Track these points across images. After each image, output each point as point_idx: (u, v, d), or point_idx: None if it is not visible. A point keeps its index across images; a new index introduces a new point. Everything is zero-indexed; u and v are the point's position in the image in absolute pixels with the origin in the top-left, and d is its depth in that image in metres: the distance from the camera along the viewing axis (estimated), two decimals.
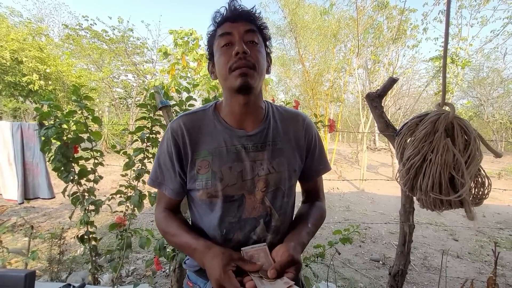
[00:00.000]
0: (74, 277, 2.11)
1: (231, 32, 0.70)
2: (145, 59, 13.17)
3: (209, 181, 0.72)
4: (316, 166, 0.87)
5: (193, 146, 0.74)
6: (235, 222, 0.73)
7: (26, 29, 9.38)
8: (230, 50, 0.69)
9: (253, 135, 0.76)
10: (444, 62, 1.02)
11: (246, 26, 0.71)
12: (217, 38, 0.72)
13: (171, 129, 0.76)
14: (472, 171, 0.87)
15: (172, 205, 0.81)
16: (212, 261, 0.62)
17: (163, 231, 0.77)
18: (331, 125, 1.79)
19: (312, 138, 0.85)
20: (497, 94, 16.40)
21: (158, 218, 0.79)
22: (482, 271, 2.93)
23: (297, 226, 0.78)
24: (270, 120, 0.80)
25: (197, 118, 0.78)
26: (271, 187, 0.75)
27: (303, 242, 0.72)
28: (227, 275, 0.59)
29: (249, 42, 0.70)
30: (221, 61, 0.70)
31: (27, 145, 1.99)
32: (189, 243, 0.70)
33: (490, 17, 8.69)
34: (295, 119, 0.83)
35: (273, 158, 0.76)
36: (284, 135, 0.79)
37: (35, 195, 2.03)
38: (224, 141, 0.74)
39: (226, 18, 0.72)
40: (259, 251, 0.68)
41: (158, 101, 1.71)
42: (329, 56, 10.11)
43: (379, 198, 6.29)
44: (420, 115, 1.02)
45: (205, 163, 0.73)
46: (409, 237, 1.58)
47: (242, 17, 0.71)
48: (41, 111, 1.76)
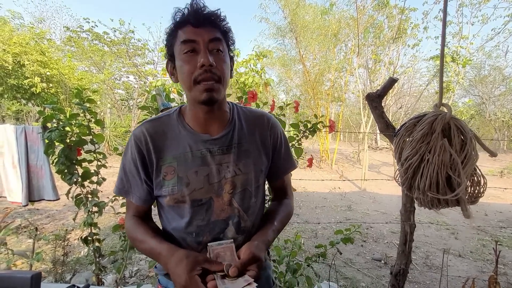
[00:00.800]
0: (78, 278, 2.13)
1: (195, 40, 0.67)
2: (146, 60, 13.22)
3: (175, 186, 0.72)
4: (283, 164, 0.88)
5: (158, 153, 0.73)
6: (204, 225, 0.74)
7: (28, 33, 9.45)
8: (193, 58, 0.67)
9: (218, 139, 0.76)
10: (441, 64, 1.03)
11: (210, 34, 0.68)
12: (179, 43, 0.69)
13: (134, 136, 0.75)
14: (468, 170, 0.89)
15: (140, 212, 0.80)
16: (177, 267, 0.62)
17: (132, 238, 0.76)
18: (331, 126, 1.80)
19: (278, 137, 0.85)
20: (499, 92, 16.33)
21: (127, 226, 0.78)
22: (484, 269, 2.93)
23: (264, 225, 0.80)
24: (235, 122, 0.80)
25: (160, 123, 0.77)
26: (238, 189, 0.76)
27: (268, 240, 0.74)
28: (193, 280, 0.59)
29: (214, 50, 0.68)
30: (184, 70, 0.68)
31: (31, 148, 2.02)
32: (153, 248, 0.70)
33: (491, 15, 8.70)
34: (260, 119, 0.84)
35: (239, 160, 0.76)
36: (249, 136, 0.80)
37: (40, 197, 2.06)
38: (189, 146, 0.74)
39: (188, 21, 0.68)
40: (225, 249, 0.69)
41: (160, 103, 1.73)
42: (330, 56, 10.12)
43: (381, 197, 6.28)
44: (418, 116, 1.04)
45: (170, 169, 0.73)
46: (410, 236, 1.59)
47: (206, 21, 0.68)
48: (45, 114, 1.79)
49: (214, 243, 0.70)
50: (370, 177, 8.25)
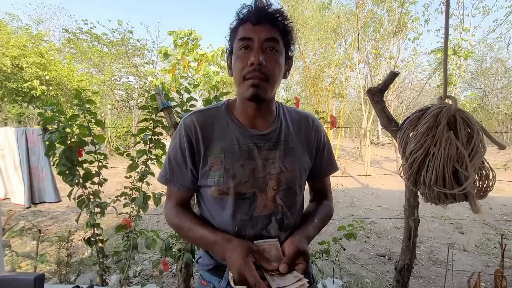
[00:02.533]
0: (82, 279, 2.13)
1: (250, 38, 0.68)
2: (146, 60, 13.22)
3: (222, 178, 0.73)
4: (325, 166, 0.88)
5: (206, 143, 0.75)
6: (247, 219, 0.74)
7: (25, 35, 9.45)
8: (247, 56, 0.69)
9: (265, 134, 0.77)
10: (445, 56, 1.01)
11: (267, 33, 0.69)
12: (237, 40, 0.71)
13: (184, 125, 0.77)
14: (475, 163, 0.87)
15: (183, 201, 0.81)
16: (233, 252, 0.64)
17: (177, 226, 0.78)
18: (332, 122, 1.78)
19: (321, 139, 0.87)
20: (501, 84, 16.21)
21: (170, 214, 0.79)
22: (489, 263, 2.91)
23: (304, 222, 0.81)
24: (282, 120, 0.81)
25: (210, 115, 0.79)
26: (282, 186, 0.76)
27: (309, 235, 0.75)
28: (248, 265, 0.61)
29: (268, 49, 0.69)
30: (236, 67, 0.71)
31: (32, 150, 2.01)
32: (206, 236, 0.72)
33: (492, 7, 8.58)
34: (306, 120, 0.85)
35: (285, 157, 0.77)
36: (295, 135, 0.81)
37: (41, 199, 2.06)
38: (237, 139, 0.75)
39: (249, 18, 0.69)
40: (270, 246, 0.69)
41: (159, 102, 1.71)
42: (330, 52, 10.06)
43: (384, 193, 6.26)
44: (422, 109, 1.02)
45: (217, 160, 0.74)
46: (415, 231, 1.58)
47: (266, 20, 0.69)
48: (45, 116, 1.78)
49: (259, 241, 0.70)
50: (372, 172, 8.22)
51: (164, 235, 2.37)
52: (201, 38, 7.13)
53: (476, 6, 8.50)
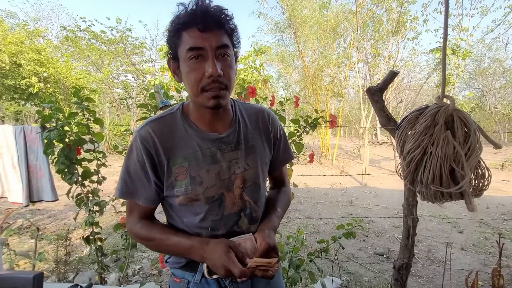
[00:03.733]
0: (81, 278, 2.13)
1: (202, 47, 0.65)
2: (144, 58, 13.17)
3: (189, 186, 0.72)
4: (282, 156, 0.92)
5: (167, 153, 0.72)
6: (218, 219, 0.76)
7: (23, 32, 9.39)
8: (200, 66, 0.66)
9: (226, 137, 0.77)
10: (444, 55, 1.01)
11: (218, 39, 0.66)
12: (185, 49, 0.66)
13: (139, 137, 0.72)
14: (472, 163, 0.87)
15: (147, 214, 0.79)
16: (214, 252, 0.67)
17: (146, 239, 0.75)
18: (332, 121, 1.79)
19: (278, 131, 0.90)
20: (499, 84, 16.25)
21: (135, 229, 0.76)
22: (487, 262, 2.93)
23: (268, 212, 0.85)
24: (239, 119, 0.82)
25: (166, 123, 0.75)
26: (248, 183, 0.79)
27: (275, 226, 0.81)
28: (231, 260, 0.65)
29: (220, 55, 0.67)
30: (191, 78, 0.67)
31: (30, 148, 2.01)
32: (182, 243, 0.72)
33: (490, 7, 8.62)
34: (262, 115, 0.87)
35: (247, 155, 0.79)
36: (253, 131, 0.83)
37: (39, 198, 2.05)
38: (198, 145, 0.74)
39: (194, 23, 0.64)
40: (246, 240, 0.73)
41: (159, 100, 1.71)
42: (329, 51, 10.07)
43: (382, 192, 6.28)
44: (420, 108, 1.02)
45: (182, 169, 0.73)
46: (413, 230, 1.59)
47: (214, 24, 0.65)
48: (43, 114, 1.78)
49: (235, 238, 0.73)
50: (371, 172, 8.24)
51: None
52: None
53: (474, 6, 8.53)
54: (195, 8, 0.64)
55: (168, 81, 7.16)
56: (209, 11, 0.65)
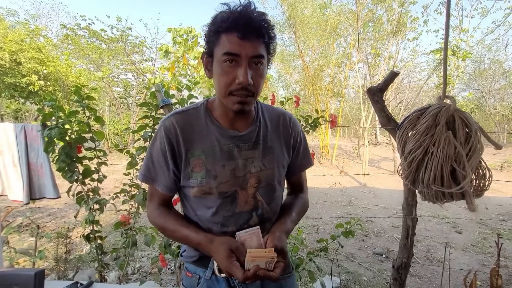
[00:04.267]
0: (81, 276, 2.13)
1: (238, 54, 0.66)
2: (144, 57, 13.15)
3: (204, 179, 0.75)
4: (301, 161, 0.92)
5: (187, 145, 0.76)
6: (229, 215, 0.77)
7: (23, 30, 9.36)
8: (233, 70, 0.68)
9: (245, 135, 0.79)
10: (445, 55, 1.02)
11: (255, 49, 0.67)
12: (222, 51, 0.67)
13: (164, 127, 0.77)
14: (473, 163, 0.88)
15: (165, 201, 0.83)
16: (217, 254, 0.68)
17: (161, 227, 0.79)
18: (332, 121, 1.79)
19: (298, 135, 0.90)
20: (498, 85, 16.28)
21: (153, 215, 0.81)
22: (485, 262, 2.94)
23: (282, 216, 0.84)
24: (260, 119, 0.83)
25: (189, 116, 0.79)
26: (262, 183, 0.80)
27: (288, 229, 0.79)
28: (232, 264, 0.65)
29: (254, 64, 0.69)
30: (221, 80, 0.69)
31: (31, 146, 2.01)
32: (190, 237, 0.75)
33: (491, 8, 8.62)
34: (283, 118, 0.87)
35: (264, 156, 0.80)
36: (273, 134, 0.84)
37: (41, 195, 2.05)
38: (217, 140, 0.77)
39: (235, 29, 0.65)
40: (251, 235, 0.73)
41: (160, 99, 1.71)
42: (329, 51, 10.06)
43: (381, 192, 6.29)
44: (421, 109, 1.03)
45: (199, 161, 0.75)
46: (412, 230, 1.59)
47: (253, 34, 0.66)
48: (44, 112, 1.77)
49: (241, 232, 0.74)
50: (370, 172, 8.25)
51: None
52: (201, 36, 7.11)
53: (475, 7, 8.55)
54: (239, 14, 0.65)
55: (169, 80, 7.17)
56: (251, 19, 0.66)
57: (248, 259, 0.64)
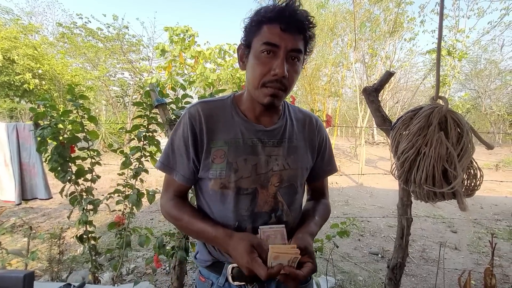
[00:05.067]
0: (75, 277, 2.12)
1: (278, 45, 0.66)
2: (141, 56, 13.08)
3: (224, 171, 0.72)
4: (325, 167, 0.89)
5: (210, 134, 0.74)
6: (247, 215, 0.73)
7: (17, 27, 9.26)
8: (270, 61, 0.67)
9: (270, 131, 0.77)
10: (438, 57, 1.02)
11: (294, 42, 0.67)
12: (261, 41, 0.67)
13: (189, 113, 0.75)
14: (464, 163, 0.88)
15: (181, 192, 0.80)
16: (237, 250, 0.64)
17: (175, 218, 0.76)
18: (328, 121, 1.79)
19: (324, 139, 0.88)
20: (494, 86, 16.41)
21: (167, 205, 0.78)
22: (480, 262, 2.97)
23: (305, 220, 0.81)
24: (287, 118, 0.82)
25: (215, 106, 0.77)
26: (284, 183, 0.76)
27: (312, 231, 0.75)
28: (255, 261, 0.61)
29: (291, 58, 0.68)
30: (256, 70, 0.69)
31: (23, 146, 1.98)
32: (207, 231, 0.71)
33: (487, 8, 8.67)
34: (310, 120, 0.86)
35: (288, 154, 0.77)
36: (299, 134, 0.82)
37: (33, 196, 2.03)
38: (241, 133, 0.75)
39: (277, 20, 0.66)
40: (276, 232, 0.69)
41: (154, 99, 1.70)
42: (326, 51, 10.06)
43: (378, 191, 6.32)
44: (415, 109, 1.03)
45: (220, 152, 0.73)
46: (407, 230, 1.60)
47: (295, 27, 0.66)
48: (36, 111, 1.75)
49: (265, 226, 0.70)
50: (367, 171, 8.28)
51: (158, 233, 2.37)
52: (197, 35, 7.09)
53: (471, 8, 8.60)
54: (284, 7, 0.66)
55: (165, 79, 7.13)
56: (296, 13, 0.66)
57: (271, 255, 0.60)
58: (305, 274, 0.61)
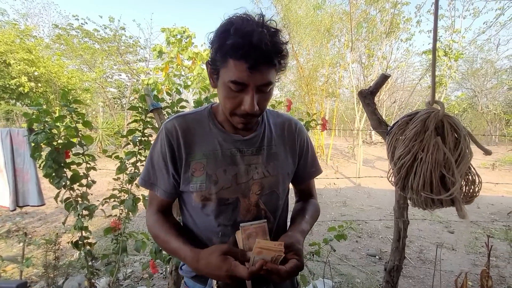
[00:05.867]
0: (71, 282, 2.09)
1: (246, 84, 0.63)
2: (138, 57, 13.04)
3: (204, 183, 0.72)
4: (309, 169, 0.89)
5: (188, 148, 0.74)
6: (230, 225, 0.74)
7: (13, 30, 9.19)
8: (238, 96, 0.65)
9: (248, 140, 0.77)
10: (433, 60, 1.01)
11: (264, 78, 0.63)
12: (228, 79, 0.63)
13: (165, 129, 0.75)
14: (462, 169, 0.87)
15: (164, 207, 0.80)
16: (209, 265, 0.61)
17: (155, 236, 0.76)
18: (323, 124, 1.78)
19: (304, 142, 0.87)
20: (490, 85, 16.54)
21: (150, 222, 0.78)
22: (477, 262, 2.97)
23: (295, 219, 0.81)
24: (265, 124, 0.81)
25: (192, 120, 0.78)
26: (265, 190, 0.76)
27: (302, 229, 0.75)
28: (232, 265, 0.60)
29: (261, 91, 0.66)
30: (226, 103, 0.67)
31: (17, 151, 1.96)
32: (177, 251, 0.70)
33: (482, 9, 8.76)
34: (289, 124, 0.85)
35: (268, 162, 0.77)
36: (278, 139, 0.81)
37: (24, 203, 2.00)
38: (219, 144, 0.75)
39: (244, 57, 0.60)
40: (257, 229, 0.69)
41: (149, 103, 1.69)
42: (323, 51, 10.10)
43: (375, 192, 6.33)
44: (411, 114, 1.02)
45: (199, 165, 0.73)
46: (404, 232, 1.60)
47: (264, 64, 0.62)
48: (30, 116, 1.73)
49: (246, 223, 0.69)
50: (364, 171, 8.30)
51: None
52: (195, 36, 7.07)
53: (467, 8, 8.66)
54: (249, 44, 0.58)
55: (162, 81, 7.10)
56: (263, 50, 0.59)
57: (255, 250, 0.59)
58: (288, 270, 0.60)
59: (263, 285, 0.75)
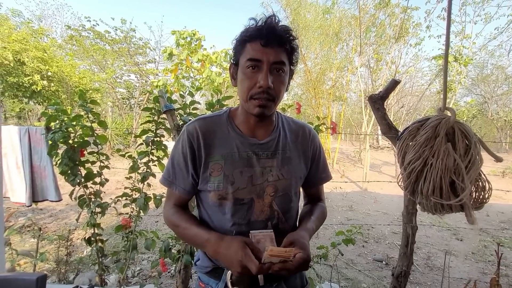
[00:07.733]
0: (81, 278, 2.14)
1: (260, 60, 0.71)
2: (148, 59, 13.22)
3: (221, 183, 0.77)
4: (320, 174, 0.94)
5: (207, 149, 0.79)
6: (244, 224, 0.78)
7: (27, 30, 9.44)
8: (255, 75, 0.72)
9: (264, 144, 0.81)
10: (445, 67, 1.03)
11: (276, 56, 0.72)
12: (245, 58, 0.73)
13: (187, 131, 0.81)
14: (472, 175, 0.88)
15: (181, 202, 0.85)
16: (230, 248, 0.67)
17: (173, 225, 0.81)
18: (333, 128, 1.80)
19: (317, 149, 0.92)
20: (501, 91, 16.22)
21: (168, 213, 0.83)
22: (486, 271, 2.93)
23: (302, 220, 0.86)
24: (280, 130, 0.86)
25: (212, 123, 0.83)
26: (279, 192, 0.81)
27: (307, 227, 0.80)
28: (248, 256, 0.64)
29: (275, 70, 0.73)
30: (244, 84, 0.74)
31: (34, 149, 2.03)
32: (200, 235, 0.75)
33: (494, 14, 8.64)
34: (303, 131, 0.90)
35: (282, 165, 0.82)
36: (292, 145, 0.86)
37: (44, 197, 2.08)
38: (237, 147, 0.79)
39: (258, 37, 0.72)
40: (265, 236, 0.73)
41: (163, 105, 1.73)
42: (331, 55, 10.07)
43: (382, 197, 6.27)
44: (421, 120, 1.04)
45: (217, 166, 0.78)
46: (412, 238, 1.59)
47: (275, 41, 0.72)
48: (48, 115, 1.79)
49: (255, 231, 0.74)
50: (371, 176, 8.23)
51: (163, 236, 2.39)
52: (204, 39, 7.16)
53: (478, 14, 8.56)
54: (263, 25, 0.72)
55: (171, 82, 7.19)
56: (274, 29, 0.72)
57: (266, 255, 0.63)
58: (295, 264, 0.64)
59: (274, 282, 0.78)
